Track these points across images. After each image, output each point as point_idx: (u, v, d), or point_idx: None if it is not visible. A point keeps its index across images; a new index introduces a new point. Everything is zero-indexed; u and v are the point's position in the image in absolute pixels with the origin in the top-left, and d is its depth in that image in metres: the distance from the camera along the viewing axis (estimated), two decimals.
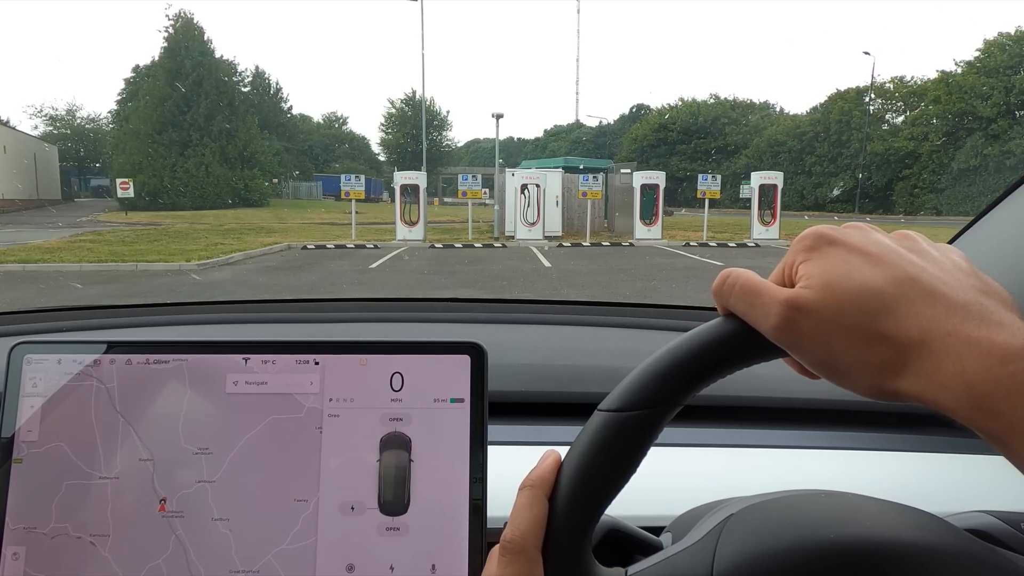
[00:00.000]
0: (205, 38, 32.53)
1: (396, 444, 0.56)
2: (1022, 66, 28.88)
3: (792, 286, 0.38)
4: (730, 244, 14.44)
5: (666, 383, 0.39)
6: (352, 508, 0.55)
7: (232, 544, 0.55)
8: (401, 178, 15.95)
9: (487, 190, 19.95)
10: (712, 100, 46.11)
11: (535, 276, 9.75)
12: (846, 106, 35.01)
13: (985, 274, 0.37)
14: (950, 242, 0.95)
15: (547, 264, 11.08)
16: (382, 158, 51.33)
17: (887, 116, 35.62)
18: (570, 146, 53.58)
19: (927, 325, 0.33)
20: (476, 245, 14.37)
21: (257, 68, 52.24)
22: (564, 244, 14.57)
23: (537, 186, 15.81)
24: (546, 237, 15.50)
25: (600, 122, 61.46)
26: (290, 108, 49.33)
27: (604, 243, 14.94)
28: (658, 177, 16.42)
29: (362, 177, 16.87)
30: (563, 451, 0.43)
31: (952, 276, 0.36)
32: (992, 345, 0.32)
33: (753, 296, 0.38)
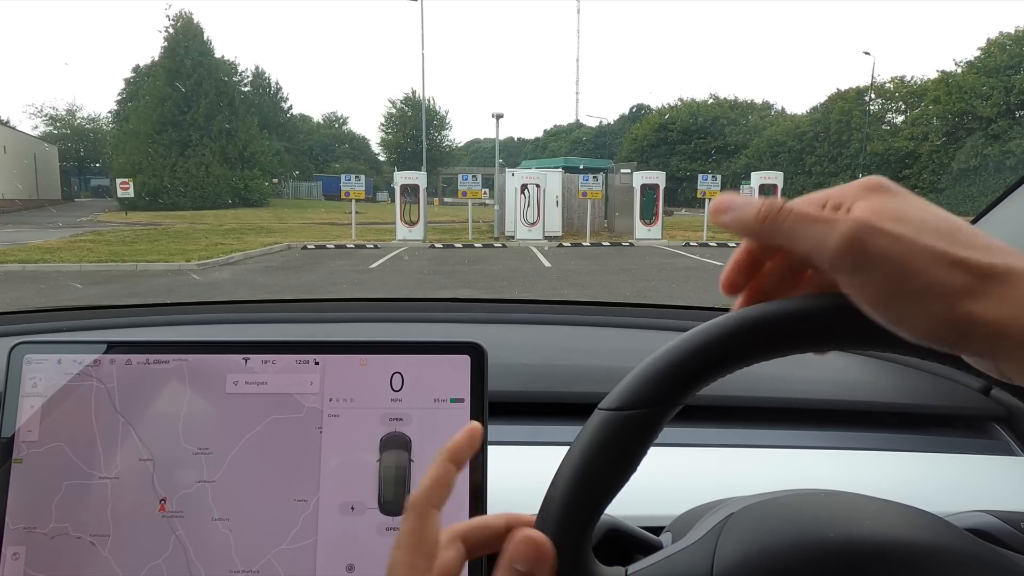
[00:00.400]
0: (205, 38, 32.55)
1: (396, 444, 0.56)
2: (1022, 66, 28.89)
3: None
4: (730, 244, 14.43)
5: (666, 382, 0.39)
6: (352, 508, 0.55)
7: (232, 544, 0.55)
8: (401, 178, 15.95)
9: (487, 190, 19.95)
10: (712, 100, 46.16)
11: (535, 276, 9.75)
12: (846, 106, 35.01)
13: None
14: None
15: (547, 264, 11.09)
16: (382, 158, 51.35)
17: (887, 116, 35.64)
18: (570, 146, 53.60)
19: (1006, 258, 0.33)
20: (476, 245, 14.37)
21: (257, 68, 52.34)
22: (564, 244, 14.57)
23: (537, 186, 15.81)
24: (546, 237, 15.50)
25: (600, 122, 61.55)
26: (290, 108, 49.41)
27: (604, 243, 14.94)
28: (658, 177, 16.42)
29: (362, 177, 16.87)
30: (563, 451, 0.43)
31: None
32: None
33: (813, 219, 0.36)
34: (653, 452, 0.40)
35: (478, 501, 0.55)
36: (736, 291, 0.43)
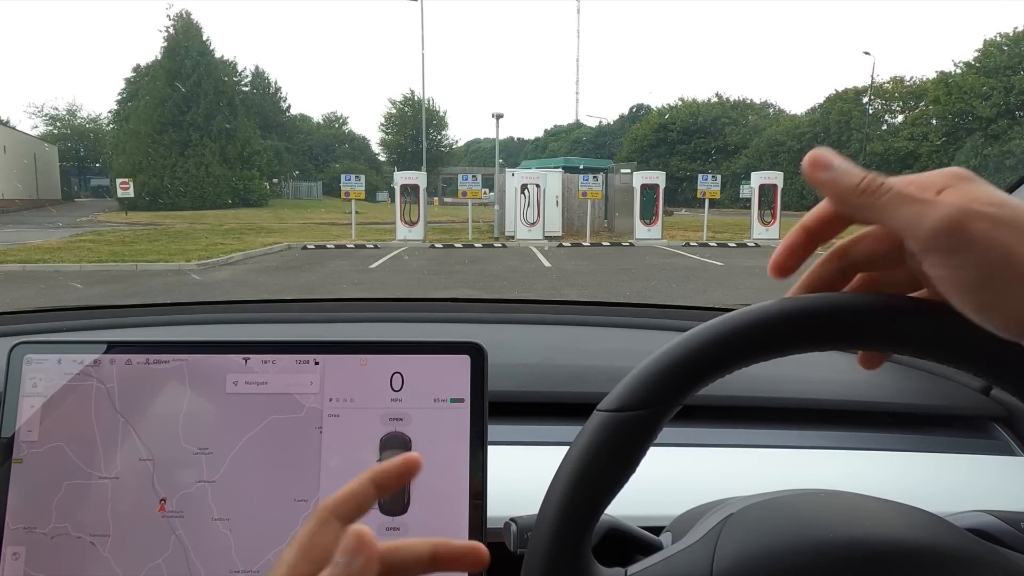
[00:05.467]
0: (204, 38, 32.58)
1: (396, 444, 0.56)
2: (1022, 66, 28.88)
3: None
4: (730, 244, 14.44)
5: (666, 382, 0.39)
6: None
7: (232, 544, 0.55)
8: (401, 178, 15.94)
9: (487, 190, 19.96)
10: (712, 100, 46.16)
11: (535, 276, 9.75)
12: (846, 106, 35.02)
13: None
14: None
15: (547, 264, 11.08)
16: (382, 158, 51.37)
17: (886, 116, 35.65)
18: (570, 146, 53.60)
19: None
20: (476, 245, 14.37)
21: (257, 68, 52.29)
22: (564, 244, 14.57)
23: (537, 186, 15.81)
24: (546, 237, 15.50)
25: (600, 122, 61.51)
26: (289, 108, 49.41)
27: (604, 243, 14.93)
28: (658, 177, 16.41)
29: (362, 177, 16.88)
30: (563, 451, 0.43)
31: None
32: None
33: (911, 199, 0.35)
34: (653, 452, 0.40)
35: (478, 501, 0.55)
36: (785, 273, 0.41)
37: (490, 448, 0.57)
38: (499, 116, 21.59)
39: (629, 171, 17.66)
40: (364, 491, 0.39)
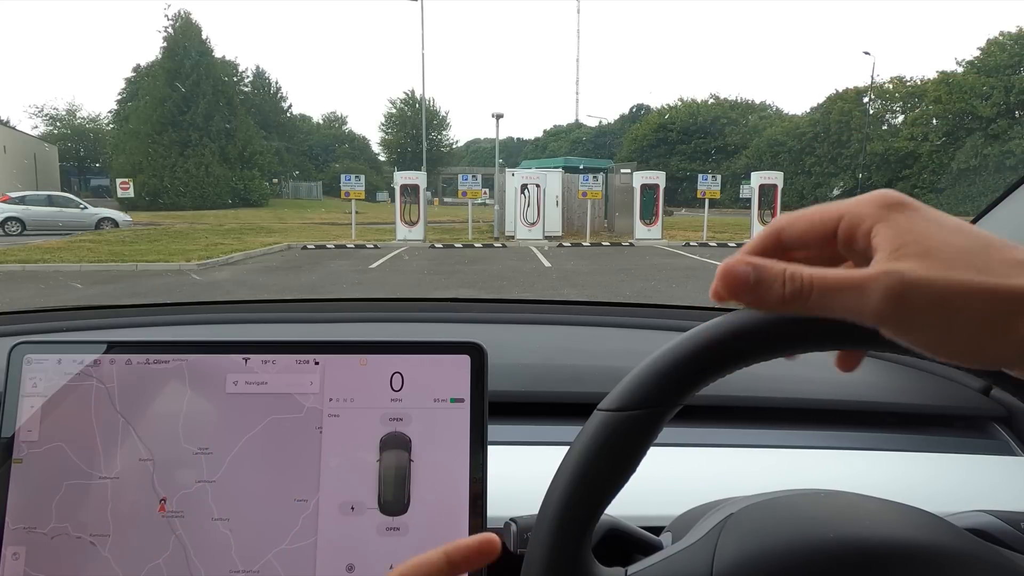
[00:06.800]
0: (204, 38, 32.57)
1: (396, 444, 0.56)
2: (1022, 66, 28.88)
3: (862, 250, 0.35)
4: (730, 244, 14.43)
5: (666, 382, 0.39)
6: (352, 508, 0.55)
7: (232, 544, 0.55)
8: (401, 178, 15.95)
9: (487, 190, 19.97)
10: (712, 100, 46.15)
11: (535, 276, 9.75)
12: (846, 106, 35.02)
13: None
14: None
15: (547, 264, 11.08)
16: (382, 158, 51.36)
17: (887, 116, 35.65)
18: (570, 146, 53.59)
19: None
20: (476, 245, 14.37)
21: (258, 68, 52.37)
22: (564, 244, 14.57)
23: (537, 186, 15.81)
24: (546, 237, 15.50)
25: (600, 122, 61.48)
26: (290, 108, 49.41)
27: (604, 243, 14.94)
28: (658, 177, 16.42)
29: (362, 177, 16.89)
30: (563, 451, 0.43)
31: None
32: None
33: (840, 288, 0.34)
34: (653, 452, 0.40)
35: (478, 501, 0.55)
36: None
37: (490, 448, 0.57)
38: (499, 116, 21.58)
39: (629, 171, 17.67)
40: (437, 564, 0.40)
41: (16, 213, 17.33)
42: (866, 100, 35.33)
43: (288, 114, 48.36)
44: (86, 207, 18.94)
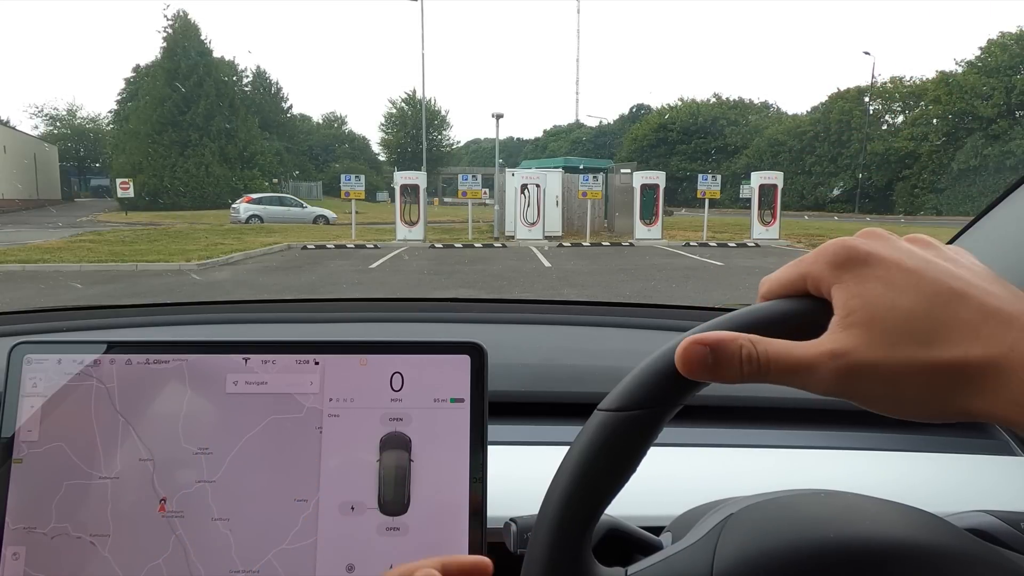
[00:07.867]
0: (203, 37, 32.57)
1: (396, 444, 0.56)
2: (1023, 66, 28.88)
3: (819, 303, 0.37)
4: (730, 244, 14.44)
5: (666, 382, 0.39)
6: (352, 508, 0.55)
7: (232, 544, 0.55)
8: (401, 178, 15.95)
9: (487, 190, 19.96)
10: (712, 100, 46.14)
11: (535, 276, 9.75)
12: (846, 106, 35.02)
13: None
14: (949, 242, 0.95)
15: (547, 264, 11.08)
16: (382, 158, 51.34)
17: (887, 116, 35.66)
18: (570, 146, 53.57)
19: (986, 343, 0.33)
20: (476, 245, 14.37)
21: (258, 68, 52.36)
22: (564, 244, 14.57)
23: (537, 186, 15.81)
24: (546, 237, 15.50)
25: (600, 122, 61.44)
26: (290, 108, 49.40)
27: (604, 243, 14.93)
28: (658, 177, 16.42)
29: (362, 177, 16.90)
30: (563, 451, 0.43)
31: (988, 283, 0.35)
32: None
33: (794, 369, 0.36)
34: (653, 452, 0.40)
35: (478, 501, 0.55)
36: None
37: (490, 448, 0.57)
38: (499, 116, 21.58)
39: (629, 171, 17.67)
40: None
41: (257, 211, 22.01)
42: (866, 100, 35.34)
43: (288, 114, 48.39)
44: (305, 206, 23.57)
